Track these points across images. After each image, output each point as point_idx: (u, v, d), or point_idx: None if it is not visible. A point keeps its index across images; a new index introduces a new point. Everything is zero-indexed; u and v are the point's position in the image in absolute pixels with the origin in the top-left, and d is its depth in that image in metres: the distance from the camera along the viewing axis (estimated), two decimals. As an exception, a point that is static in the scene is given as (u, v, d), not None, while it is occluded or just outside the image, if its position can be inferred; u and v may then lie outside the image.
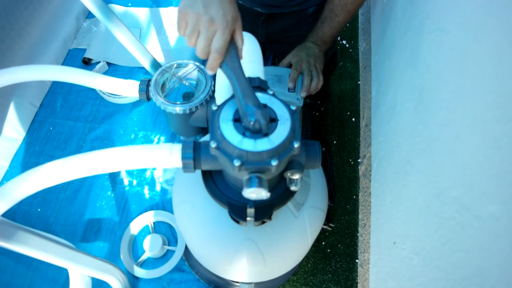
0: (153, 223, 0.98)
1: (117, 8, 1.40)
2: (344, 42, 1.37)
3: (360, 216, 0.99)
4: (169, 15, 1.38)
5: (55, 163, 0.44)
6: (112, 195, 1.02)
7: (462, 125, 0.45)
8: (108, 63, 1.25)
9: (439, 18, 0.57)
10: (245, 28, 0.60)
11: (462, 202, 0.42)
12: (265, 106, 0.45)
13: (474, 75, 0.44)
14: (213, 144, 0.42)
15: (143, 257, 0.93)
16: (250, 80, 0.49)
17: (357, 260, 0.95)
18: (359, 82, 1.26)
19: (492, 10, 0.42)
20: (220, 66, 0.46)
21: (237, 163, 0.41)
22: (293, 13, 0.95)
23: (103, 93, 1.18)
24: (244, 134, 0.42)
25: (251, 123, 0.42)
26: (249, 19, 0.98)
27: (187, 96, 0.79)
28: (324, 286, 0.92)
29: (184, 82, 0.79)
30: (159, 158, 0.44)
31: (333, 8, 0.86)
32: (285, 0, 0.91)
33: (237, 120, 0.44)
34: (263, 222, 0.54)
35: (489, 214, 0.36)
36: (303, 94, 0.81)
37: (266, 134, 0.42)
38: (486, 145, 0.39)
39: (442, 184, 0.48)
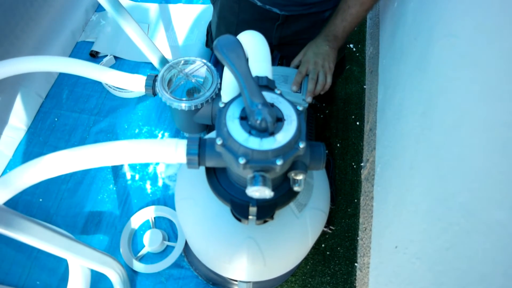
0: (154, 218, 0.98)
1: (127, 2, 1.40)
2: (351, 46, 1.37)
3: (360, 220, 0.99)
4: (178, 11, 1.38)
5: (59, 154, 0.44)
6: (114, 188, 1.02)
7: (471, 130, 0.45)
8: (115, 57, 1.25)
9: (450, 23, 0.57)
10: (259, 32, 0.59)
11: (468, 208, 0.42)
12: (272, 105, 0.45)
13: (484, 80, 0.43)
14: (219, 141, 0.42)
15: (143, 251, 0.93)
16: (258, 79, 0.49)
17: (356, 264, 0.94)
18: (365, 86, 1.26)
19: (504, 17, 0.42)
20: (227, 64, 0.46)
21: (242, 161, 0.40)
22: (310, 16, 0.94)
23: (109, 86, 1.18)
24: (250, 133, 0.42)
25: (258, 121, 0.42)
26: (264, 25, 0.96)
27: (191, 93, 0.79)
28: (322, 288, 0.91)
29: (190, 79, 0.79)
30: (164, 153, 0.44)
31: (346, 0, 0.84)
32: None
33: (243, 118, 0.44)
34: (265, 221, 0.54)
35: (495, 220, 0.36)
36: (308, 99, 0.80)
37: (272, 133, 0.42)
38: (494, 151, 0.39)
39: (448, 189, 0.48)
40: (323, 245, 0.97)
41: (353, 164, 1.10)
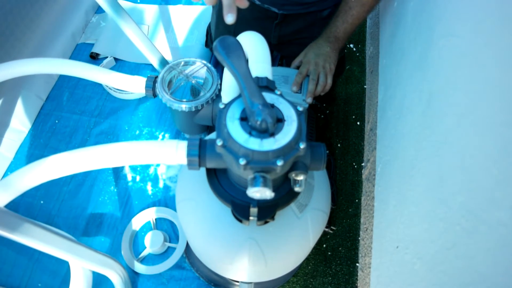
0: (155, 219, 0.98)
1: (126, 4, 1.40)
2: (351, 46, 1.37)
3: (362, 220, 0.99)
4: (177, 12, 1.38)
5: (60, 156, 0.44)
6: (115, 190, 1.02)
7: (471, 130, 0.45)
8: (116, 59, 1.25)
9: (450, 23, 0.57)
10: (257, 32, 0.59)
11: (469, 208, 0.42)
12: (272, 106, 0.45)
13: (484, 80, 0.43)
14: (219, 142, 0.42)
15: (144, 253, 0.93)
16: (258, 79, 0.49)
17: (357, 264, 0.94)
18: (365, 86, 1.26)
19: (504, 16, 0.42)
20: (227, 65, 0.46)
21: (242, 162, 0.40)
22: (308, 15, 0.94)
23: (110, 88, 1.18)
24: (250, 133, 0.42)
25: (258, 122, 0.41)
26: (263, 24, 0.96)
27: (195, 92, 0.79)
28: (324, 289, 0.91)
29: (190, 80, 0.79)
30: (165, 154, 0.44)
31: (347, 0, 0.84)
32: None
33: (244, 119, 0.44)
34: (266, 222, 0.54)
35: (496, 220, 0.36)
36: (309, 100, 0.80)
37: (272, 134, 0.42)
38: (494, 150, 0.39)
39: (448, 189, 0.48)
40: (324, 246, 0.97)
41: (354, 164, 1.10)
